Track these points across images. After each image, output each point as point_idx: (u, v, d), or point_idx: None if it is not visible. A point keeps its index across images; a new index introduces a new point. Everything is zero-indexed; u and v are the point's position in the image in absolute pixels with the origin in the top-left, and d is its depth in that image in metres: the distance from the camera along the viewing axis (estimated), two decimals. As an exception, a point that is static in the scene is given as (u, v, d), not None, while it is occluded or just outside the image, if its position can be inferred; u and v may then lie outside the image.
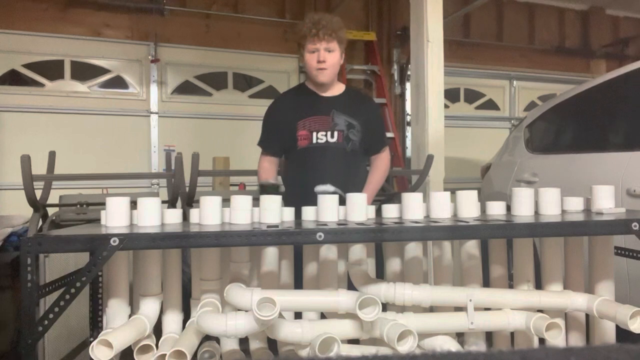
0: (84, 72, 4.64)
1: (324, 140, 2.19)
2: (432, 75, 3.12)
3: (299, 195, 2.05)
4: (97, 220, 1.71)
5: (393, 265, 1.76)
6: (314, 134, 2.19)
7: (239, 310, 1.42)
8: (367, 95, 2.49)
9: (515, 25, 6.09)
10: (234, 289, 1.44)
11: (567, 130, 3.16)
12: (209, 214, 1.50)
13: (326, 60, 2.14)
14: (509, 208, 1.75)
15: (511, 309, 1.56)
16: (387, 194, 2.99)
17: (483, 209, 1.75)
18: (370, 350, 1.54)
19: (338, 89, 2.29)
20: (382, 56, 5.46)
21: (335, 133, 2.19)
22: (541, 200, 1.68)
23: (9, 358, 2.51)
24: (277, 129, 2.26)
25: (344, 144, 2.20)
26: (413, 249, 1.72)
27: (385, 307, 1.57)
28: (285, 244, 1.61)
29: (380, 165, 2.33)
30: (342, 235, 1.41)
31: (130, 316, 1.53)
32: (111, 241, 1.27)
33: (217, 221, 1.50)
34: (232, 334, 1.39)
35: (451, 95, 5.80)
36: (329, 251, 1.67)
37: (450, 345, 1.55)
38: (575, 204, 1.78)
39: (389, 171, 2.39)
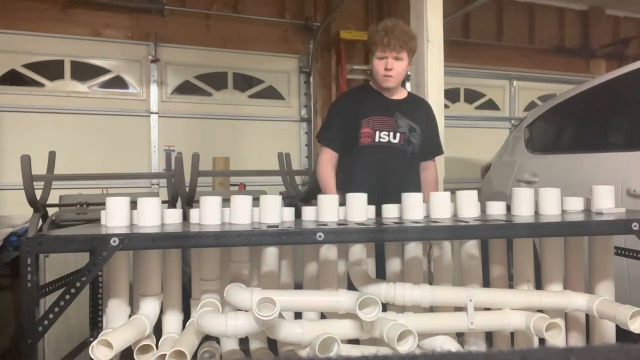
0: (84, 72, 4.64)
1: (386, 140, 2.23)
2: (432, 75, 3.11)
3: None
4: (97, 220, 1.71)
5: (393, 265, 1.76)
6: (377, 132, 2.23)
7: (239, 310, 1.42)
8: (426, 101, 2.56)
9: (515, 25, 6.10)
10: (234, 289, 1.44)
11: (567, 130, 3.16)
12: (209, 214, 1.50)
13: (393, 68, 2.20)
14: (509, 208, 1.75)
15: (511, 309, 1.56)
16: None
17: (483, 209, 1.75)
18: (370, 350, 1.54)
19: (401, 93, 2.36)
20: (382, 56, 5.45)
21: (398, 135, 2.24)
22: (541, 200, 1.68)
23: (9, 358, 2.51)
24: (342, 124, 2.28)
25: (405, 146, 2.26)
26: (413, 249, 1.72)
27: (385, 307, 1.57)
28: (285, 244, 1.61)
29: (433, 174, 2.40)
30: (342, 235, 1.41)
31: (130, 316, 1.53)
32: (111, 241, 1.27)
33: (217, 221, 1.50)
34: (232, 334, 1.39)
35: (451, 95, 5.80)
36: (329, 251, 1.67)
37: (450, 345, 1.55)
38: (575, 204, 1.78)
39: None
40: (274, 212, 1.53)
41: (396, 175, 2.21)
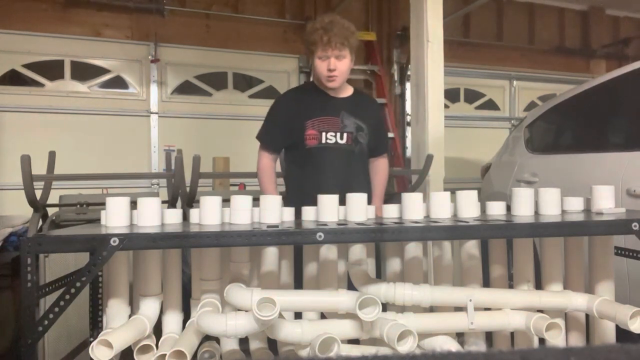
0: (84, 72, 4.63)
1: (333, 141, 2.18)
2: (432, 75, 3.12)
3: (302, 194, 2.03)
4: (97, 220, 1.71)
5: (393, 265, 1.76)
6: (324, 134, 2.17)
7: (239, 310, 1.42)
8: (373, 98, 2.50)
9: (515, 25, 6.09)
10: (234, 289, 1.44)
11: (567, 130, 3.16)
12: (209, 214, 1.50)
13: (337, 68, 2.12)
14: (509, 208, 1.75)
15: (511, 309, 1.56)
16: (387, 194, 2.99)
17: (483, 209, 1.75)
18: (370, 350, 1.54)
19: (347, 90, 2.28)
20: (382, 56, 5.46)
21: (345, 135, 2.19)
22: (541, 200, 1.68)
23: (9, 358, 2.51)
24: (284, 125, 2.21)
25: (353, 146, 2.20)
26: (413, 249, 1.72)
27: (385, 307, 1.56)
28: (285, 244, 1.61)
29: (383, 169, 2.36)
30: (342, 235, 1.41)
31: (130, 316, 1.53)
32: (111, 241, 1.27)
33: (217, 221, 1.50)
34: (232, 334, 1.39)
35: (451, 95, 5.80)
36: (329, 251, 1.67)
37: (450, 345, 1.55)
38: (575, 204, 1.78)
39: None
40: (274, 212, 1.53)
41: (345, 176, 2.16)
